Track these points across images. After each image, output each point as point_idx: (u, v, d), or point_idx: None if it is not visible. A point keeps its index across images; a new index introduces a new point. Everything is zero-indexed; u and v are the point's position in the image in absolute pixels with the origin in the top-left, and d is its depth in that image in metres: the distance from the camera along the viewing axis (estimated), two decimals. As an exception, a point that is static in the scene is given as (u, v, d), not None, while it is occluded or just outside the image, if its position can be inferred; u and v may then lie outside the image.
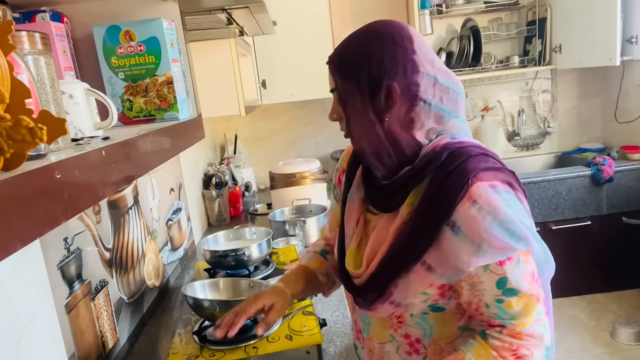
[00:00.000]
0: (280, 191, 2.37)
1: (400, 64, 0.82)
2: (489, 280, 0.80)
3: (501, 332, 0.82)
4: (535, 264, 0.82)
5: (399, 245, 0.84)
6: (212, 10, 1.37)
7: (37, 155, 0.53)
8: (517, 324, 0.81)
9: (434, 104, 0.84)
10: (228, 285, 1.45)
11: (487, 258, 0.78)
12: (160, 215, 1.73)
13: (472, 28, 3.06)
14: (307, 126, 3.33)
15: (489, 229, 0.77)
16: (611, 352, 2.59)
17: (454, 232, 0.79)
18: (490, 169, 0.81)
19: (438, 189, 0.81)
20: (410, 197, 0.84)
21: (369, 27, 0.87)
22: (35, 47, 0.59)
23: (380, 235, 0.89)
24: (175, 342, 1.28)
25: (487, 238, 0.77)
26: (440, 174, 0.81)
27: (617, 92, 3.16)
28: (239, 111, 2.09)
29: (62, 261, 1.02)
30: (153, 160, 0.83)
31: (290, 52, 2.82)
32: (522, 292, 0.80)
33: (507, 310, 0.81)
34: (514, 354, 0.81)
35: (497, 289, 0.80)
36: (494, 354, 0.81)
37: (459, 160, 0.81)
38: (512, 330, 0.81)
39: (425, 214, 0.81)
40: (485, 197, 0.78)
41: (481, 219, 0.77)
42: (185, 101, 1.07)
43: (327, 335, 1.27)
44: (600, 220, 2.96)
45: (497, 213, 0.77)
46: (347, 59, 0.85)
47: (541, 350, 0.81)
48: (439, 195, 0.80)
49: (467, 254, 0.78)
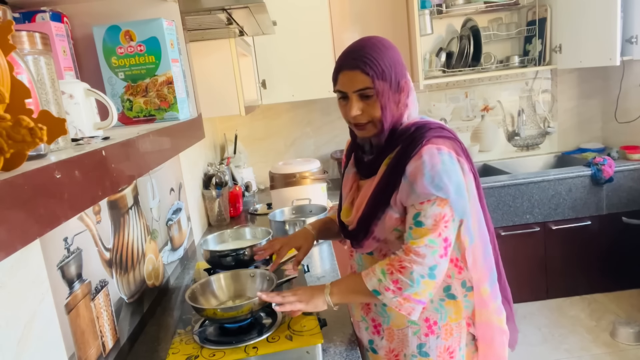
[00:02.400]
0: (280, 191, 2.37)
1: (404, 67, 1.15)
2: (411, 212, 1.11)
3: (401, 249, 1.12)
4: (454, 212, 1.10)
5: (375, 195, 1.17)
6: (212, 10, 1.37)
7: (37, 155, 0.53)
8: (410, 244, 1.10)
9: (414, 94, 1.20)
10: (229, 279, 1.45)
11: (414, 198, 1.09)
12: (160, 215, 1.73)
13: (472, 28, 3.06)
14: (307, 126, 3.33)
15: (421, 178, 1.07)
16: (611, 352, 2.59)
17: (404, 179, 1.10)
18: (442, 137, 1.12)
19: (402, 151, 1.13)
20: (385, 161, 1.16)
21: (380, 38, 1.14)
22: (35, 47, 0.59)
23: (365, 192, 1.21)
24: (175, 342, 1.28)
25: (418, 184, 1.08)
26: (406, 141, 1.13)
27: (617, 92, 3.16)
28: (239, 111, 2.09)
29: (62, 261, 1.02)
30: (153, 160, 0.83)
31: (290, 52, 2.82)
32: (427, 225, 1.09)
33: (411, 235, 1.11)
34: (400, 264, 1.10)
35: (412, 220, 1.11)
36: (388, 261, 1.13)
37: (421, 130, 1.13)
38: (406, 248, 1.11)
39: (392, 171, 1.14)
40: (429, 156, 1.08)
41: (419, 171, 1.08)
42: (185, 101, 1.07)
43: (327, 335, 1.27)
44: (600, 220, 2.96)
45: (431, 168, 1.07)
46: (381, 64, 1.10)
47: (421, 267, 1.08)
48: (402, 156, 1.12)
49: (406, 193, 1.10)
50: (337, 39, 2.91)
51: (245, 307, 1.25)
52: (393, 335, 1.25)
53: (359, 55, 1.11)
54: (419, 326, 1.21)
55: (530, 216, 2.92)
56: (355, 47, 1.14)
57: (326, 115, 3.29)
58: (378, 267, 1.13)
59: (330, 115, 3.29)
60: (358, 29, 2.99)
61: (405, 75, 1.15)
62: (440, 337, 1.21)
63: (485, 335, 1.24)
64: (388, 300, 1.11)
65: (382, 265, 1.13)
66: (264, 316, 1.37)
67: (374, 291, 1.12)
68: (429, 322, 1.21)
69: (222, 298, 1.43)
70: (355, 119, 1.14)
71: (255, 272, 1.45)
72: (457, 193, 1.09)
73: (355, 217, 1.22)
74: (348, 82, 1.12)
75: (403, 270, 1.09)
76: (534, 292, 3.05)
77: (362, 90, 1.11)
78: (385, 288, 1.11)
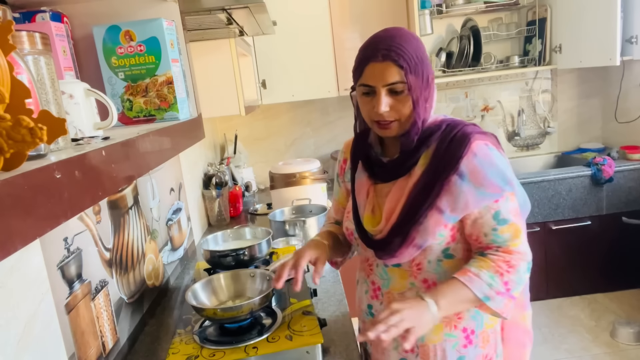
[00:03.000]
0: (280, 191, 2.37)
1: (429, 61, 1.08)
2: (488, 213, 1.05)
3: (497, 251, 1.06)
4: (519, 205, 1.09)
5: (415, 196, 1.06)
6: (212, 10, 1.37)
7: (37, 155, 0.53)
8: (510, 244, 1.06)
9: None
10: (229, 279, 1.45)
11: (487, 198, 1.04)
12: (160, 215, 1.73)
13: (472, 28, 3.06)
14: (307, 126, 3.33)
15: (486, 176, 1.02)
16: (611, 352, 2.59)
17: (461, 179, 1.03)
18: (481, 132, 1.09)
19: (445, 149, 1.05)
20: (422, 159, 1.08)
21: (406, 29, 1.08)
22: (35, 47, 0.59)
23: (395, 195, 1.10)
24: (175, 342, 1.28)
25: (486, 183, 1.02)
26: (445, 138, 1.06)
27: (617, 92, 3.16)
28: (239, 111, 2.09)
29: (62, 261, 1.02)
30: (153, 160, 0.83)
31: (290, 52, 2.82)
32: (510, 221, 1.06)
33: (500, 235, 1.06)
34: (507, 263, 1.05)
35: (493, 220, 1.06)
36: (492, 263, 1.05)
37: (456, 128, 1.07)
38: (506, 249, 1.06)
39: (435, 169, 1.05)
40: (482, 152, 1.04)
41: (480, 168, 1.02)
42: (185, 101, 1.07)
43: (327, 335, 1.27)
44: (600, 220, 2.96)
45: (491, 164, 1.03)
46: (413, 57, 1.02)
47: (525, 263, 1.07)
48: (446, 154, 1.05)
49: (473, 196, 1.03)
50: (337, 39, 2.91)
51: (245, 307, 1.25)
52: (428, 352, 1.14)
53: (390, 45, 1.00)
54: (457, 338, 1.13)
55: (530, 216, 2.92)
56: (385, 37, 1.03)
57: (326, 115, 3.29)
58: (482, 271, 1.03)
59: (330, 115, 3.29)
60: (358, 29, 2.99)
61: (431, 69, 1.07)
62: (478, 346, 1.14)
63: (510, 336, 1.21)
64: (496, 304, 1.03)
65: (486, 268, 1.04)
66: (264, 316, 1.37)
67: (483, 298, 1.02)
68: (467, 332, 1.13)
69: (222, 298, 1.43)
70: (382, 116, 1.04)
71: (255, 272, 1.45)
72: (518, 185, 1.09)
73: (388, 224, 1.10)
74: (378, 75, 1.01)
75: (512, 270, 1.04)
76: (534, 292, 3.01)
77: (393, 84, 1.01)
78: (497, 292, 1.03)
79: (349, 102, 3.48)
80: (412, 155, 1.08)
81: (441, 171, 1.04)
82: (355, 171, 1.21)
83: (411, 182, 1.08)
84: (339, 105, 3.26)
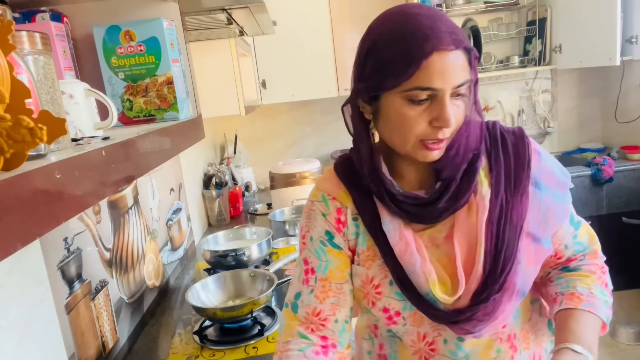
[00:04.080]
0: (280, 191, 2.37)
1: None
2: (566, 221, 0.85)
3: (583, 260, 0.87)
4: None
5: (498, 230, 0.77)
6: (212, 10, 1.37)
7: (37, 155, 0.53)
8: (595, 248, 0.89)
9: None
10: (229, 279, 1.45)
11: (566, 202, 0.84)
12: (160, 215, 1.73)
13: (472, 28, 3.06)
14: (307, 126, 3.33)
15: (556, 174, 0.83)
16: (611, 352, 2.59)
17: (538, 189, 0.80)
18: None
19: (509, 158, 0.80)
20: (481, 180, 0.80)
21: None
22: (35, 47, 0.59)
23: (468, 237, 0.78)
24: (175, 342, 1.28)
25: (560, 183, 0.83)
26: (500, 146, 0.81)
27: (617, 92, 3.16)
28: (239, 111, 2.09)
29: (62, 261, 1.02)
30: (153, 160, 0.83)
31: (290, 52, 2.82)
32: (581, 220, 0.88)
33: (580, 241, 0.87)
34: (601, 269, 0.87)
35: (571, 226, 0.86)
36: (593, 276, 0.85)
37: (482, 125, 0.80)
38: (593, 254, 0.88)
39: (507, 186, 0.79)
40: (542, 150, 0.84)
41: (550, 170, 0.82)
42: (185, 101, 1.07)
43: (327, 335, 1.27)
44: (600, 220, 2.95)
45: (552, 158, 0.85)
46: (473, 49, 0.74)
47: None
48: (515, 162, 0.80)
49: (556, 204, 0.81)
50: (337, 39, 2.91)
51: (245, 307, 1.25)
52: None
53: (454, 28, 0.71)
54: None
55: (530, 216, 2.92)
56: (434, 16, 0.71)
57: (326, 115, 3.29)
58: (594, 289, 0.83)
59: (330, 115, 3.28)
60: (358, 29, 2.99)
61: None
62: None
63: None
64: (608, 320, 0.83)
65: (591, 283, 0.83)
66: (264, 316, 1.37)
67: (606, 319, 0.82)
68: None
69: (222, 298, 1.43)
70: (435, 132, 0.73)
71: (255, 272, 1.45)
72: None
73: (471, 283, 0.77)
74: (449, 70, 0.69)
75: (604, 275, 0.87)
76: (534, 292, 3.05)
77: (462, 85, 0.72)
78: (609, 306, 0.83)
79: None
80: (467, 178, 0.79)
81: (516, 184, 0.79)
82: (373, 220, 0.82)
83: (481, 212, 0.77)
84: (339, 105, 3.24)
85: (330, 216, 0.86)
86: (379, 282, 0.83)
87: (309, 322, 0.84)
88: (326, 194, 0.87)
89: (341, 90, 2.89)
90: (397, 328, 0.84)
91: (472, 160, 0.79)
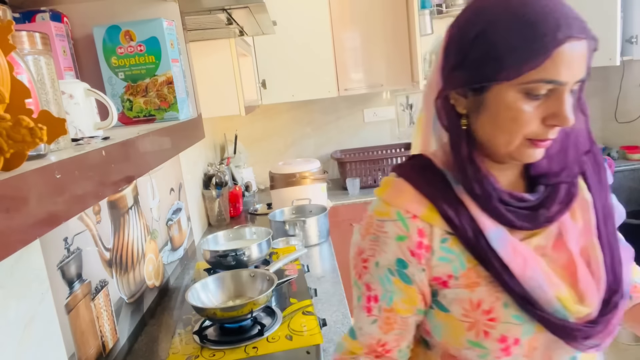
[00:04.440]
0: (280, 191, 2.37)
1: None
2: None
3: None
4: None
5: (607, 234, 0.75)
6: (212, 10, 1.37)
7: (37, 155, 0.53)
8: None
9: None
10: (229, 279, 1.45)
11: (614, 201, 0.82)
12: (160, 215, 1.73)
13: (472, 28, 3.06)
14: (307, 126, 3.33)
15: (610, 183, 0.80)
16: (611, 351, 2.59)
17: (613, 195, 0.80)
18: None
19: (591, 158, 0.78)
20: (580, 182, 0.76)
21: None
22: (35, 47, 0.59)
23: (580, 243, 0.73)
24: (175, 342, 1.28)
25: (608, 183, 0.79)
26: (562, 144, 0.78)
27: (617, 92, 3.16)
28: (239, 111, 2.10)
29: (62, 261, 1.02)
30: (153, 160, 0.83)
31: (290, 52, 2.82)
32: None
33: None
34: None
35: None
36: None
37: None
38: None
39: (599, 187, 0.77)
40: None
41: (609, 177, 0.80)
42: (185, 101, 1.07)
43: (327, 335, 1.27)
44: (600, 220, 2.96)
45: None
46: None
47: None
48: (596, 163, 0.78)
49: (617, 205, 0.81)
50: (337, 39, 2.91)
51: (245, 307, 1.25)
52: None
53: (577, 13, 0.66)
54: None
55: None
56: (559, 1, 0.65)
57: (326, 115, 3.29)
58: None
59: (330, 115, 3.28)
60: (358, 29, 2.99)
61: None
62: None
63: None
64: None
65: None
66: (264, 316, 1.37)
67: None
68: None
69: (222, 298, 1.43)
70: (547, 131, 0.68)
71: (255, 272, 1.45)
72: None
73: (601, 290, 0.71)
74: (575, 62, 0.64)
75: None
76: (534, 292, 3.04)
77: (583, 80, 0.69)
78: None
79: (349, 102, 3.50)
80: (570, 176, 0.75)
81: (600, 189, 0.76)
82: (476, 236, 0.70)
83: (586, 211, 0.74)
84: (339, 105, 3.26)
85: (409, 240, 0.71)
86: (489, 307, 0.70)
87: (372, 350, 0.76)
88: (403, 212, 0.71)
89: (341, 90, 2.89)
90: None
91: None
